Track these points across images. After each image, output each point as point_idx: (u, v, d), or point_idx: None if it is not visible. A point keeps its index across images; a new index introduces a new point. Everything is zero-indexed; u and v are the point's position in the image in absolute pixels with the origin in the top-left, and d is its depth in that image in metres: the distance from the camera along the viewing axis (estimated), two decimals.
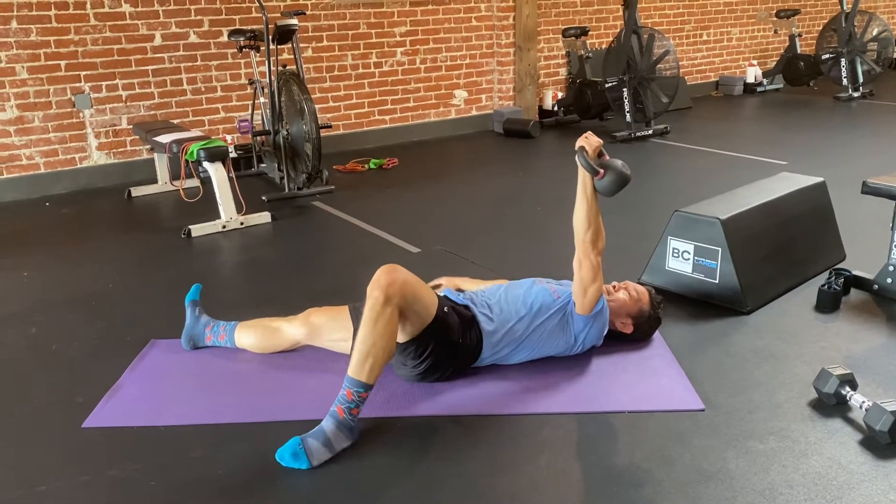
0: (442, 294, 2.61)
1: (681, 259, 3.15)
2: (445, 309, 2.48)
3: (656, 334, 2.84)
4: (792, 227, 3.32)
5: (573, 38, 6.97)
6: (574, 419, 2.33)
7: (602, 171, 2.40)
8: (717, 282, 3.05)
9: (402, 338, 2.42)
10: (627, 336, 2.75)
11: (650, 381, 2.52)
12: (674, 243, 3.16)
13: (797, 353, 2.71)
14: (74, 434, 2.30)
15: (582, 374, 2.58)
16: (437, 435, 2.27)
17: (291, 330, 2.72)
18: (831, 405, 2.35)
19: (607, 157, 2.45)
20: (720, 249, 3.00)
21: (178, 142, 4.31)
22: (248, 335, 2.77)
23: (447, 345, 2.47)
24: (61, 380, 2.65)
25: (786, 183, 3.50)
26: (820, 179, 3.55)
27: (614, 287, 2.77)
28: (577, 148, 2.44)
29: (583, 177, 2.45)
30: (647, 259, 3.35)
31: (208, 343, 2.81)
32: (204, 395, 2.51)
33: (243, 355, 2.77)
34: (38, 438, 2.29)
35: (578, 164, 2.43)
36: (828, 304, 3.04)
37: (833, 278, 3.10)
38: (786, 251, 3.26)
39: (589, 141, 2.44)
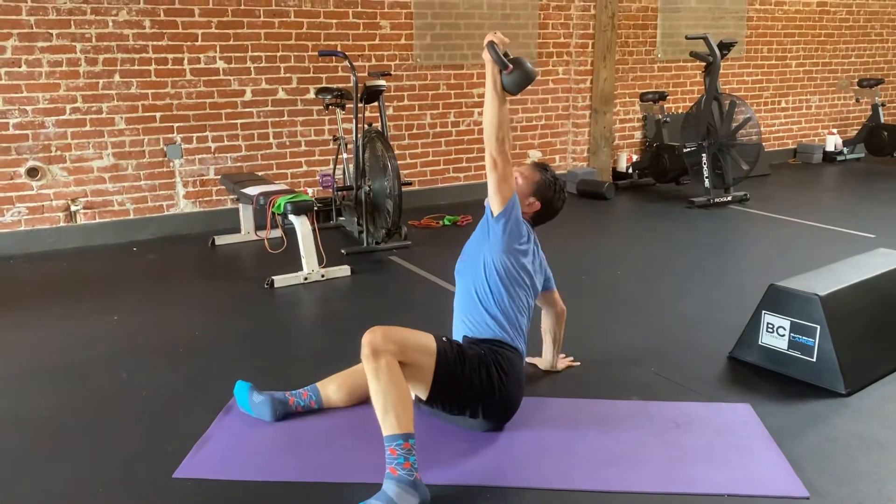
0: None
1: (775, 335, 3.04)
2: (444, 338, 2.48)
3: (751, 413, 2.73)
4: (893, 305, 3.19)
5: (651, 102, 6.96)
6: (672, 500, 2.24)
7: (511, 66, 2.43)
8: (814, 360, 2.93)
9: (422, 392, 2.40)
10: (545, 214, 2.75)
11: (749, 463, 2.42)
12: (768, 318, 3.07)
13: None
14: (166, 483, 2.32)
15: (676, 452, 2.49)
16: None
17: None
18: None
19: (512, 56, 2.49)
20: (819, 327, 2.89)
21: (266, 194, 4.43)
22: (332, 384, 2.76)
23: (473, 367, 2.44)
24: (151, 427, 2.69)
25: (884, 259, 3.37)
26: None
27: None
28: (486, 42, 2.47)
29: (492, 72, 2.45)
30: (737, 332, 3.25)
31: (292, 406, 2.72)
32: (292, 451, 2.51)
33: (330, 410, 2.76)
34: (130, 486, 2.32)
35: (488, 58, 2.45)
36: None
37: None
38: (887, 331, 3.13)
39: (498, 36, 2.48)
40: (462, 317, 2.67)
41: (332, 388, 2.76)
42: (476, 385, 2.45)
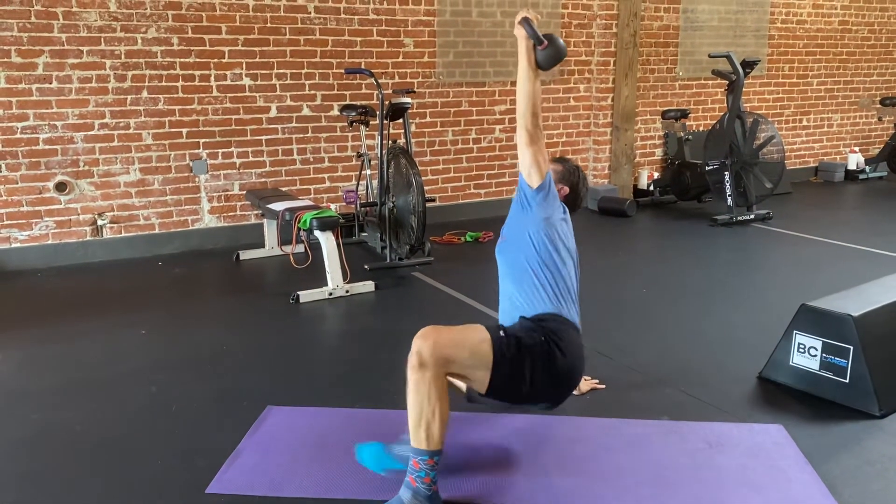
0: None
1: (807, 355, 3.02)
2: (501, 333, 2.38)
3: (784, 434, 2.71)
4: None
5: (673, 120, 6.96)
6: None
7: (545, 41, 2.47)
8: (847, 381, 2.90)
9: (481, 388, 2.34)
10: (573, 199, 2.76)
11: (784, 486, 2.39)
12: (800, 338, 3.04)
13: None
14: (199, 499, 2.33)
15: (709, 474, 2.47)
16: None
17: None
18: None
19: (543, 33, 2.52)
20: (852, 348, 2.87)
21: (292, 210, 4.46)
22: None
23: (534, 364, 2.34)
24: (183, 442, 2.70)
25: None
26: None
27: None
28: (520, 19, 2.51)
29: (526, 47, 2.50)
30: (765, 352, 3.23)
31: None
32: (323, 466, 2.51)
33: (360, 425, 2.76)
34: (164, 501, 2.33)
35: (522, 34, 2.49)
36: None
37: None
38: None
39: (531, 13, 2.51)
40: (513, 291, 2.58)
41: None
42: (538, 384, 2.35)
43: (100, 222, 5.20)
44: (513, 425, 2.79)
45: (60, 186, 5.05)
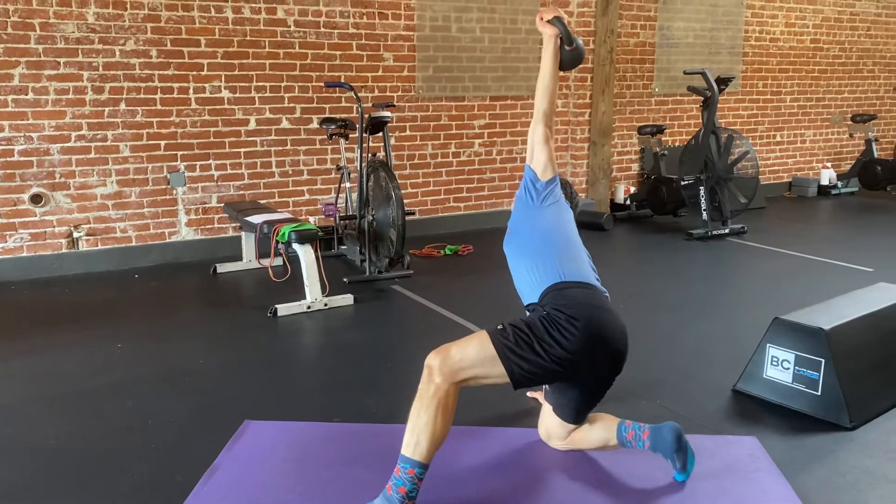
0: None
1: (780, 368, 3.07)
2: (500, 326, 2.37)
3: (758, 446, 2.75)
4: None
5: (649, 135, 7.05)
6: None
7: (575, 42, 2.57)
8: (818, 394, 2.95)
9: (508, 383, 2.33)
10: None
11: (758, 497, 2.42)
12: (773, 351, 3.09)
13: None
14: None
15: (685, 485, 2.49)
16: None
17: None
18: None
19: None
20: (823, 360, 2.92)
21: (270, 223, 4.45)
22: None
23: (537, 351, 2.30)
24: (159, 456, 2.68)
25: (886, 293, 3.41)
26: None
27: None
28: (551, 17, 2.57)
29: (555, 45, 2.58)
30: (740, 364, 3.27)
31: None
32: (301, 481, 2.50)
33: (339, 440, 2.76)
34: None
35: (552, 31, 2.56)
36: None
37: None
38: (890, 365, 3.15)
39: (560, 13, 2.58)
40: (517, 281, 2.60)
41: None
42: (557, 353, 2.29)
43: (76, 235, 5.16)
44: (488, 438, 2.80)
45: (36, 198, 5.00)
